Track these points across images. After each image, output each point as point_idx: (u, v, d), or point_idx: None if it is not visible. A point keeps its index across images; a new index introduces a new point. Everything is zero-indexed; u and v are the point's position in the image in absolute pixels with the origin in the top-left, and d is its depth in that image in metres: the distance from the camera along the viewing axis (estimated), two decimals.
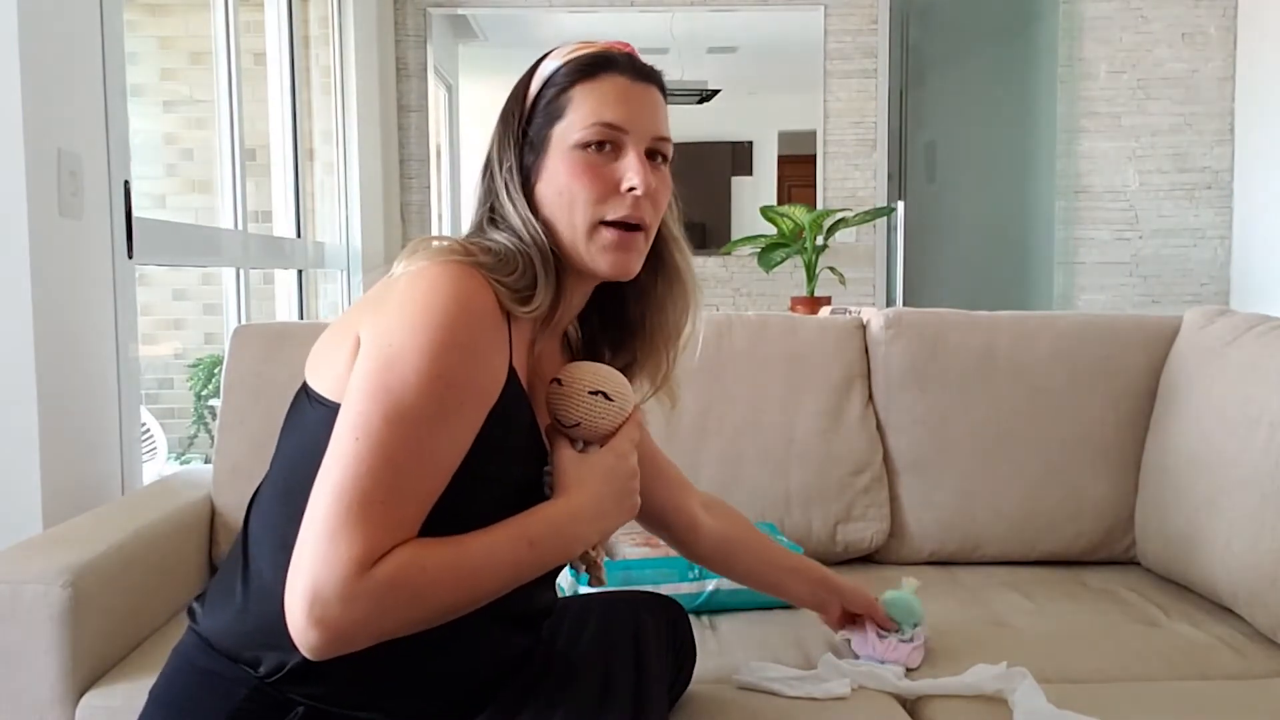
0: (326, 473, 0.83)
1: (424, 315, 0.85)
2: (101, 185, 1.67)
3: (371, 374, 0.84)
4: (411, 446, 0.83)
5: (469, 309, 0.86)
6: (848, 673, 1.24)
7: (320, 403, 0.91)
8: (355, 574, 0.80)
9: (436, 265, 0.89)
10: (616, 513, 0.98)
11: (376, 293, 0.93)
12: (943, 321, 1.79)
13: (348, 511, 0.81)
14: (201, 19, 2.88)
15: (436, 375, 0.84)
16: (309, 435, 0.91)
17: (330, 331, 0.95)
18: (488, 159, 1.00)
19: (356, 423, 0.83)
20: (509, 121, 0.99)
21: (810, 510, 1.70)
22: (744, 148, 4.25)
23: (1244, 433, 1.46)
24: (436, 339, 0.84)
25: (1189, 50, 4.09)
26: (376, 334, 0.86)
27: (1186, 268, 4.17)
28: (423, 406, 0.83)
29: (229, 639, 0.93)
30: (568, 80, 0.98)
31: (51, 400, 1.51)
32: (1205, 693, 1.24)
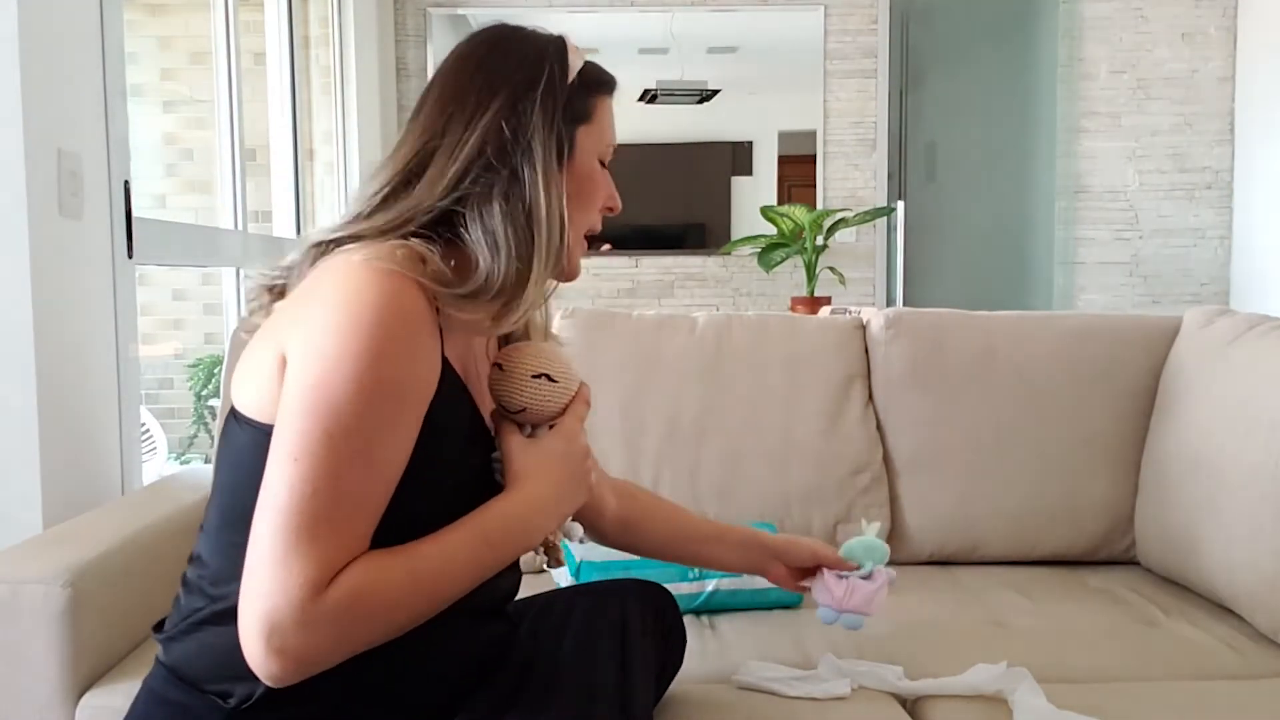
0: (269, 496, 0.79)
1: (352, 321, 0.81)
2: (101, 185, 1.67)
3: (305, 390, 0.80)
4: (354, 459, 0.80)
5: (398, 308, 0.82)
6: (848, 673, 1.24)
7: (249, 425, 0.88)
8: (310, 598, 0.77)
9: (358, 267, 0.84)
10: (572, 496, 0.96)
11: (299, 298, 0.89)
12: (943, 321, 1.79)
13: (296, 534, 0.78)
14: (201, 19, 2.88)
15: (373, 381, 0.80)
16: (243, 458, 0.88)
17: (252, 348, 0.91)
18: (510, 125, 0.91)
19: (294, 442, 0.79)
20: (549, 95, 0.93)
21: (810, 510, 1.70)
22: (744, 148, 4.25)
23: (1244, 433, 1.46)
24: (368, 345, 0.80)
25: (1189, 50, 4.10)
26: (304, 347, 0.82)
27: (1186, 268, 4.18)
28: (361, 417, 0.80)
29: (194, 670, 0.90)
30: (591, 87, 0.98)
31: (51, 400, 1.51)
32: (1205, 693, 1.24)
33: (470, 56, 0.96)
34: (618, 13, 4.15)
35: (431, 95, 0.95)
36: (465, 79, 0.94)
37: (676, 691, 1.21)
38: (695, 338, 1.78)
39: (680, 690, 1.22)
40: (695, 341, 1.77)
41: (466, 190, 0.91)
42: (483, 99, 0.92)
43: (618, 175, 1.05)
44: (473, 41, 0.97)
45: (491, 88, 0.93)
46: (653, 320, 1.81)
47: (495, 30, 0.98)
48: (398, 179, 0.93)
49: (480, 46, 0.96)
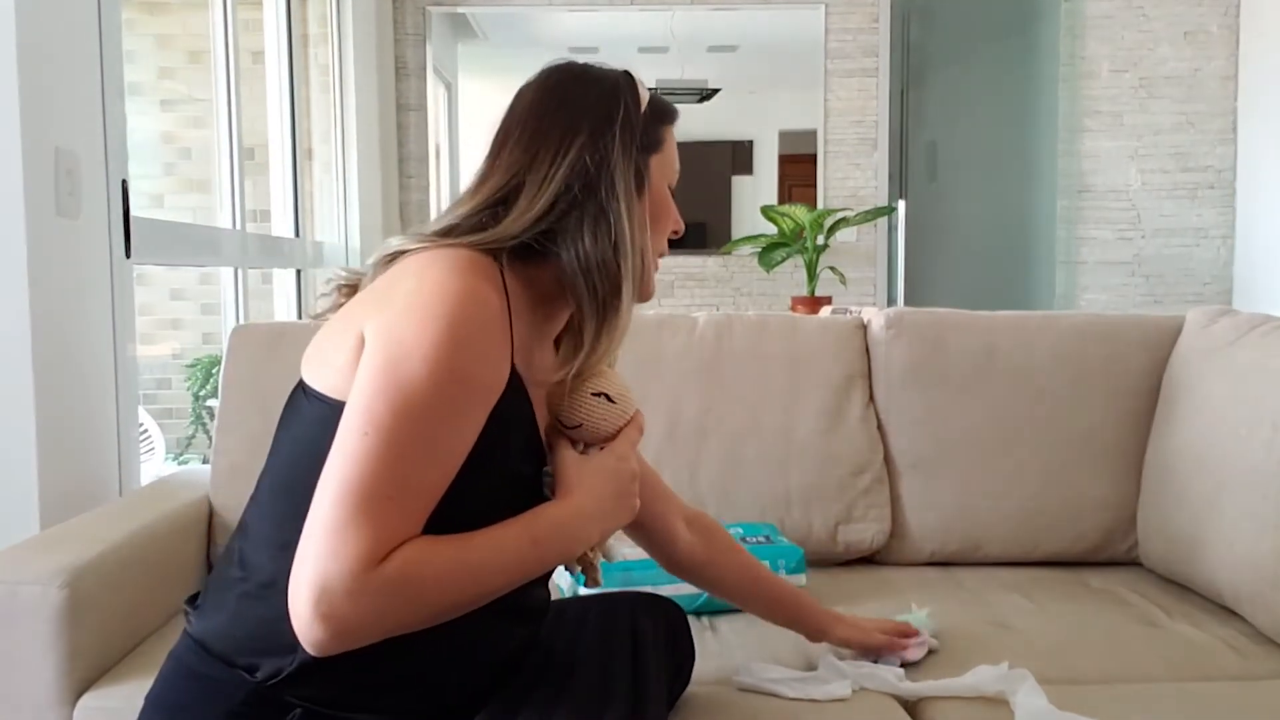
0: (334, 467, 0.82)
1: (433, 311, 0.84)
2: (99, 184, 1.67)
3: (380, 369, 0.84)
4: (420, 441, 0.83)
5: (477, 306, 0.86)
6: (848, 674, 1.23)
7: (319, 399, 0.91)
8: (363, 569, 0.79)
9: (442, 258, 0.89)
10: (616, 513, 0.99)
11: (380, 289, 0.92)
12: (944, 321, 1.78)
13: (356, 506, 0.80)
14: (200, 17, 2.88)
15: (446, 370, 0.83)
16: (307, 432, 0.91)
17: (329, 328, 0.95)
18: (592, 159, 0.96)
19: (365, 417, 0.83)
20: (628, 124, 0.98)
21: (810, 510, 1.70)
22: (744, 147, 4.25)
23: (1246, 433, 1.45)
24: (446, 335, 0.84)
25: (1191, 49, 4.09)
26: (384, 330, 0.86)
27: (1189, 267, 4.17)
28: (432, 401, 0.83)
29: (224, 642, 0.92)
30: (659, 117, 1.03)
31: (49, 400, 1.50)
32: (1207, 693, 1.24)
33: (549, 95, 1.00)
34: (618, 11, 4.14)
35: (514, 134, 0.99)
36: (548, 116, 0.98)
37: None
38: (695, 338, 1.77)
39: None
40: (695, 341, 1.77)
41: (553, 224, 0.95)
42: (566, 135, 0.96)
43: None
44: (548, 80, 1.01)
45: (573, 123, 0.97)
46: (653, 320, 1.80)
47: (567, 68, 1.02)
48: (484, 208, 0.96)
49: (557, 85, 1.01)
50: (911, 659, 1.29)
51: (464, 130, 4.16)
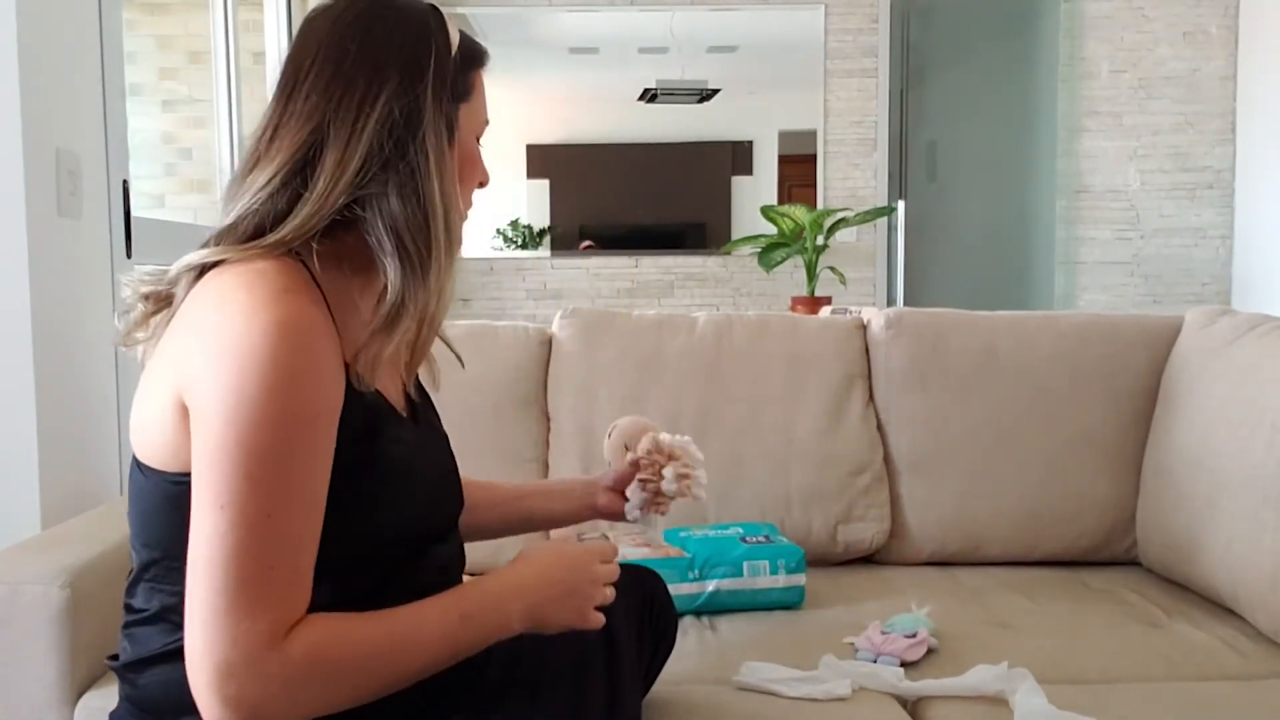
0: (202, 549, 0.77)
1: (253, 357, 0.77)
2: (100, 184, 1.67)
3: (217, 434, 0.77)
4: (280, 495, 0.78)
5: (296, 331, 0.79)
6: (848, 673, 1.23)
7: (155, 474, 0.85)
8: (265, 648, 0.75)
9: (244, 290, 0.80)
10: (560, 605, 0.92)
11: (185, 326, 0.83)
12: (943, 321, 1.78)
13: (239, 585, 0.75)
14: (200, 18, 2.88)
15: (287, 414, 0.77)
16: (151, 508, 0.87)
17: (147, 390, 0.86)
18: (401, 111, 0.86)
19: (219, 489, 0.76)
20: (440, 73, 0.89)
21: (810, 510, 1.70)
22: (744, 147, 4.25)
23: (1245, 433, 1.46)
24: (273, 378, 0.77)
25: (1190, 49, 4.09)
26: (206, 392, 0.78)
27: (1188, 267, 4.17)
28: (281, 450, 0.77)
29: (160, 704, 0.88)
30: (469, 62, 0.93)
31: (50, 400, 1.50)
32: (1206, 693, 1.24)
33: (350, 30, 0.88)
34: (618, 12, 4.14)
35: (308, 73, 0.88)
36: (349, 58, 0.87)
37: (677, 692, 1.21)
38: (695, 338, 1.77)
39: (680, 691, 1.21)
40: (695, 341, 1.77)
41: (365, 190, 0.86)
42: (373, 82, 0.86)
43: (618, 174, 1.05)
44: (346, 11, 0.90)
45: (380, 69, 0.87)
46: (653, 320, 1.80)
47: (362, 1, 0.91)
48: (284, 175, 0.86)
49: (357, 19, 0.89)
50: (911, 659, 1.29)
51: None
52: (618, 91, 4.17)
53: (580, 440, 1.72)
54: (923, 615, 1.38)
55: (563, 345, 1.77)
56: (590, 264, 4.24)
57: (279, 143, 0.88)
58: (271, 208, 0.86)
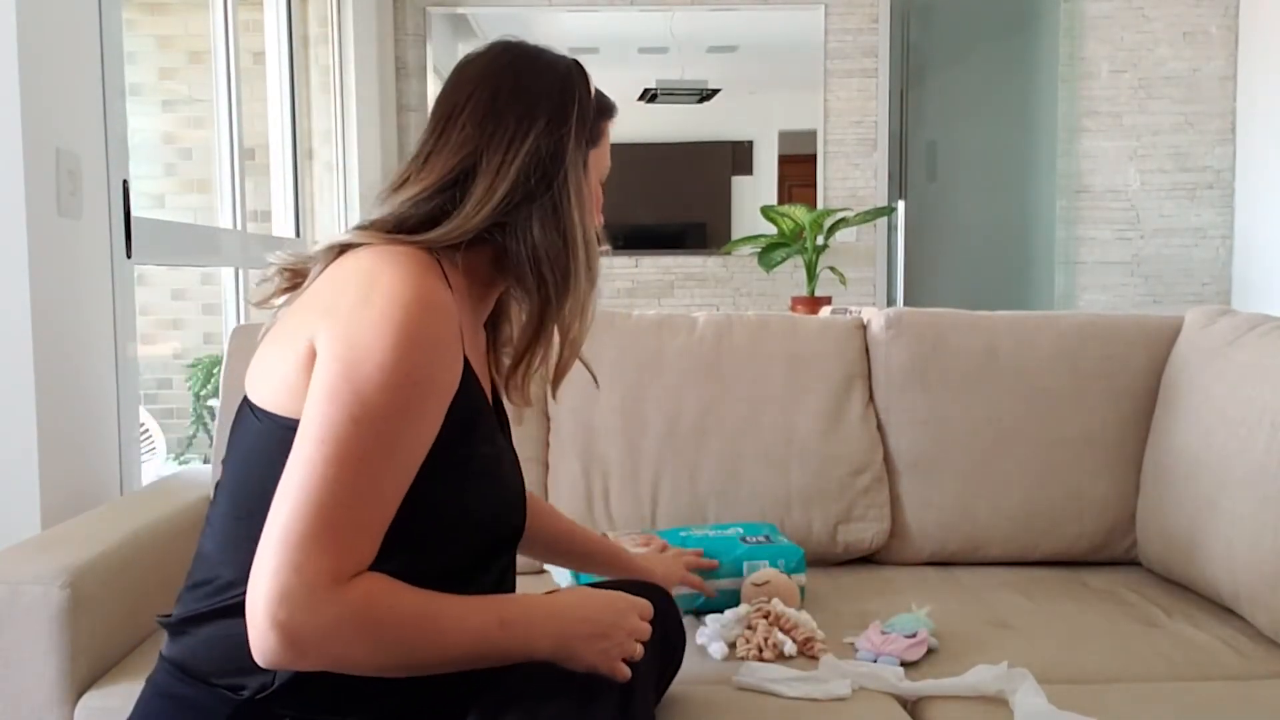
0: (292, 477, 0.81)
1: (388, 316, 0.83)
2: (100, 185, 1.67)
3: (336, 377, 0.83)
4: (379, 448, 0.82)
5: (433, 310, 0.86)
6: (848, 673, 1.23)
7: (268, 418, 0.89)
8: (325, 584, 0.79)
9: (390, 259, 0.88)
10: (589, 643, 0.95)
11: (325, 292, 0.90)
12: (943, 321, 1.78)
13: (316, 518, 0.79)
14: (200, 18, 2.88)
15: (403, 375, 0.83)
16: (256, 451, 0.90)
17: (273, 340, 0.92)
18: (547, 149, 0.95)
19: (322, 426, 0.81)
20: (584, 119, 0.99)
21: (810, 510, 1.70)
22: (744, 147, 4.25)
23: (1245, 433, 1.46)
24: (402, 340, 0.83)
25: (1190, 49, 4.09)
26: (338, 338, 0.84)
27: (1188, 267, 4.17)
28: (389, 408, 0.82)
29: (201, 664, 0.90)
30: (601, 112, 1.03)
31: (50, 400, 1.50)
32: (1206, 693, 1.24)
33: (503, 74, 0.98)
34: (618, 12, 4.14)
35: (463, 110, 0.96)
36: (502, 98, 0.96)
37: (676, 691, 1.21)
38: (695, 338, 1.77)
39: (680, 690, 1.21)
40: (695, 341, 1.77)
41: (509, 217, 0.94)
42: (523, 120, 0.95)
43: (618, 175, 1.13)
44: (500, 59, 0.99)
45: (530, 109, 0.96)
46: (653, 320, 1.80)
47: (519, 48, 1.00)
48: (434, 193, 0.94)
49: (510, 65, 0.98)
50: (911, 659, 1.29)
51: None
52: (618, 91, 4.11)
53: (580, 440, 1.72)
54: (923, 615, 1.38)
55: None
56: None
57: (431, 165, 0.96)
58: (417, 214, 0.94)
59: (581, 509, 1.70)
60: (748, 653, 1.30)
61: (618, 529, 1.66)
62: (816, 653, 1.31)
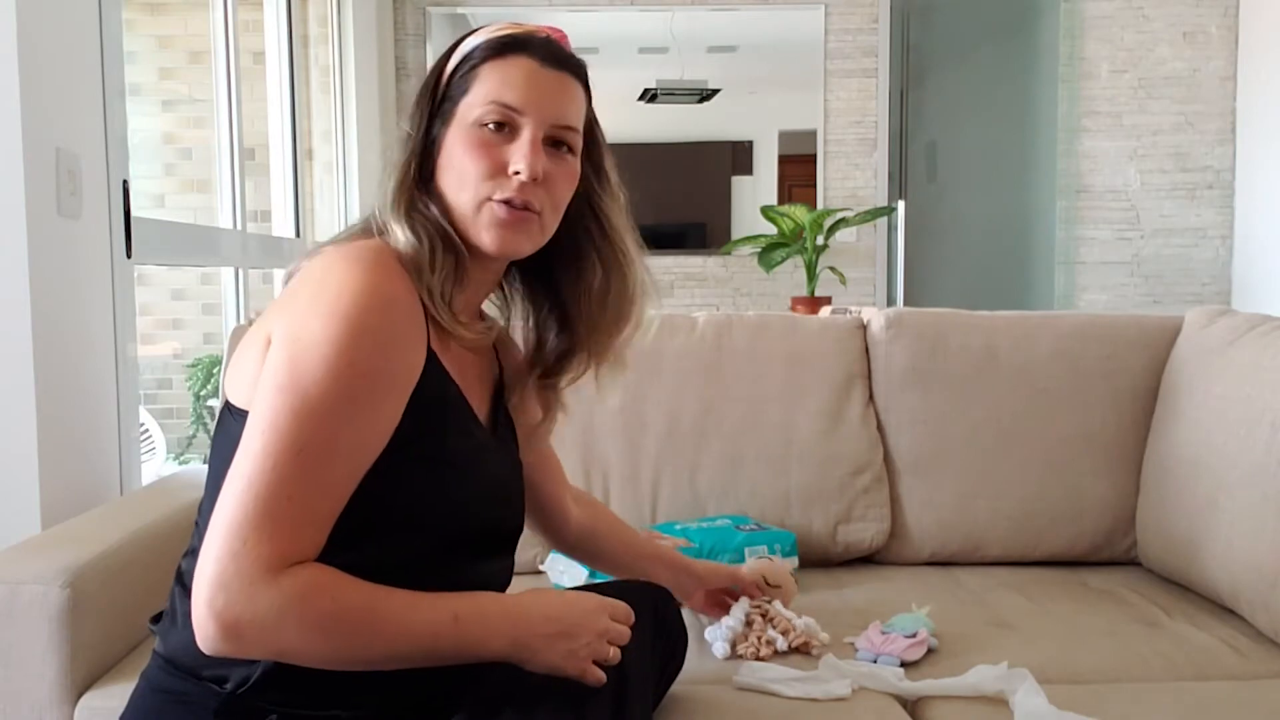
0: (237, 468, 0.82)
1: (332, 304, 0.85)
2: (100, 184, 1.67)
3: (279, 368, 0.84)
4: (320, 439, 0.82)
5: (378, 295, 0.86)
6: (848, 673, 1.23)
7: (240, 414, 0.90)
8: (261, 572, 0.79)
9: (343, 255, 0.89)
10: (550, 643, 0.92)
11: (289, 290, 0.92)
12: (943, 321, 1.78)
13: (255, 507, 0.80)
14: (200, 18, 2.88)
15: (346, 364, 0.83)
16: (233, 450, 0.89)
17: (244, 342, 0.95)
18: (407, 132, 1.01)
19: (265, 416, 0.83)
20: (423, 94, 1.02)
21: (810, 510, 1.70)
22: (744, 147, 4.25)
23: (1245, 433, 1.46)
24: (345, 327, 0.84)
25: (1190, 49, 4.09)
26: (286, 330, 0.86)
27: (1188, 267, 4.17)
28: (331, 397, 0.83)
29: (189, 657, 0.90)
30: (480, 57, 0.99)
31: (50, 400, 1.50)
32: (1206, 693, 1.24)
33: None
34: (618, 12, 4.14)
35: None
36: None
37: (676, 691, 1.21)
38: (695, 338, 1.77)
39: (680, 690, 1.21)
40: (695, 341, 1.77)
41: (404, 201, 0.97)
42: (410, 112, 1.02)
43: (618, 173, 1.07)
44: None
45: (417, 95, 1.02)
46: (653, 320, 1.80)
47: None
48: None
49: None
50: (911, 659, 1.29)
51: None
52: (618, 91, 4.17)
53: (580, 440, 1.72)
54: (923, 615, 1.38)
55: None
56: None
57: None
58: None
59: None
60: (745, 650, 1.31)
61: None
62: (813, 652, 1.32)
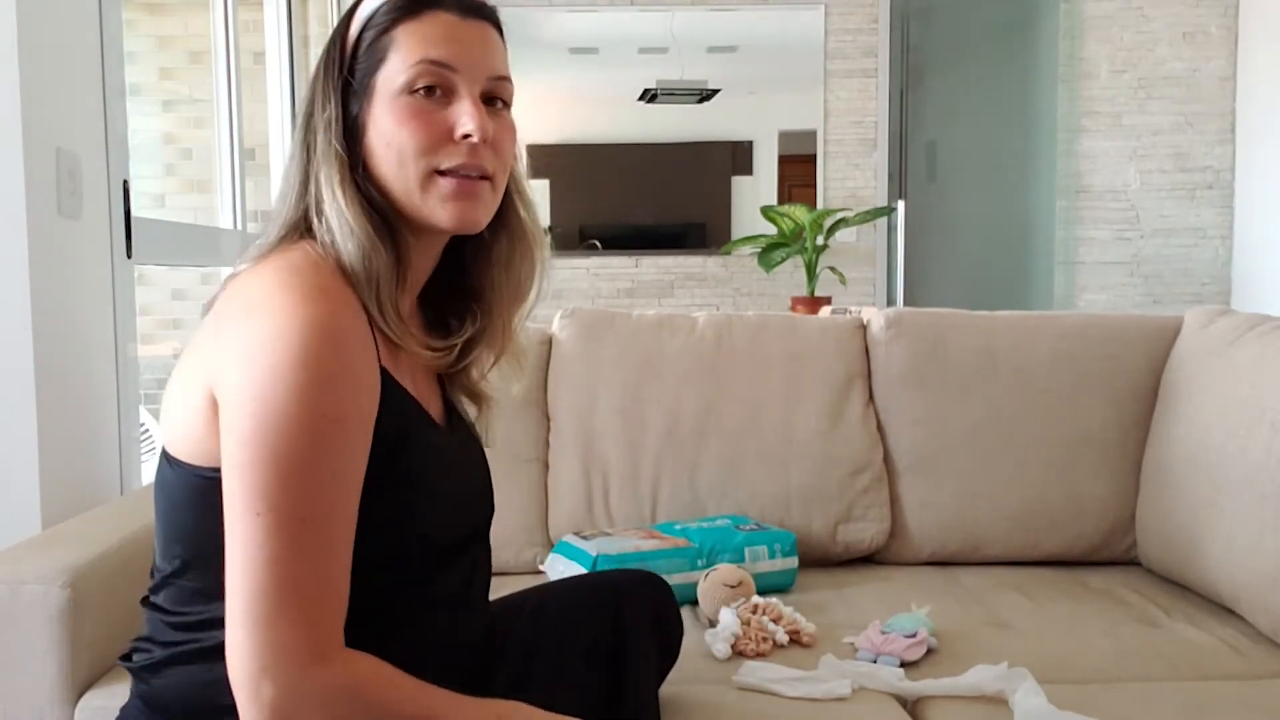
0: (241, 554, 0.76)
1: (285, 354, 0.76)
2: (100, 185, 1.67)
3: (249, 438, 0.76)
4: (317, 500, 0.77)
5: (329, 333, 0.78)
6: (848, 673, 1.23)
7: (180, 466, 0.86)
8: (309, 658, 0.76)
9: (280, 285, 0.80)
10: None
11: (215, 318, 0.84)
12: (943, 321, 1.78)
13: (279, 589, 0.76)
14: (201, 18, 2.88)
15: (319, 417, 0.77)
16: (177, 502, 0.87)
17: (176, 381, 0.87)
18: (307, 114, 0.89)
19: (254, 496, 0.76)
20: (329, 70, 0.89)
21: (810, 510, 1.70)
22: (744, 147, 4.25)
23: (1245, 433, 1.46)
24: (306, 377, 0.76)
25: (1190, 49, 4.09)
26: (238, 389, 0.78)
27: (1187, 267, 4.17)
28: (313, 454, 0.77)
29: (170, 704, 0.88)
30: (388, 20, 0.88)
31: (50, 400, 1.50)
32: (1206, 693, 1.24)
33: None
34: (618, 12, 4.14)
35: None
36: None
37: (677, 692, 1.21)
38: (695, 338, 1.77)
39: (680, 690, 1.21)
40: (695, 341, 1.77)
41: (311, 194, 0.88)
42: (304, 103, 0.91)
43: (618, 175, 1.02)
44: None
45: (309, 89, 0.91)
46: (653, 320, 1.80)
47: None
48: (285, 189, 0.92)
49: None
50: (911, 659, 1.30)
51: None
52: (618, 91, 4.16)
53: (580, 440, 1.72)
54: (923, 615, 1.38)
55: (563, 345, 1.77)
56: (590, 264, 4.24)
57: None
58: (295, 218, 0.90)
59: (581, 509, 1.70)
60: (746, 647, 1.31)
61: (617, 528, 1.66)
62: (805, 641, 1.34)
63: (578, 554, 1.49)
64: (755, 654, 1.31)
